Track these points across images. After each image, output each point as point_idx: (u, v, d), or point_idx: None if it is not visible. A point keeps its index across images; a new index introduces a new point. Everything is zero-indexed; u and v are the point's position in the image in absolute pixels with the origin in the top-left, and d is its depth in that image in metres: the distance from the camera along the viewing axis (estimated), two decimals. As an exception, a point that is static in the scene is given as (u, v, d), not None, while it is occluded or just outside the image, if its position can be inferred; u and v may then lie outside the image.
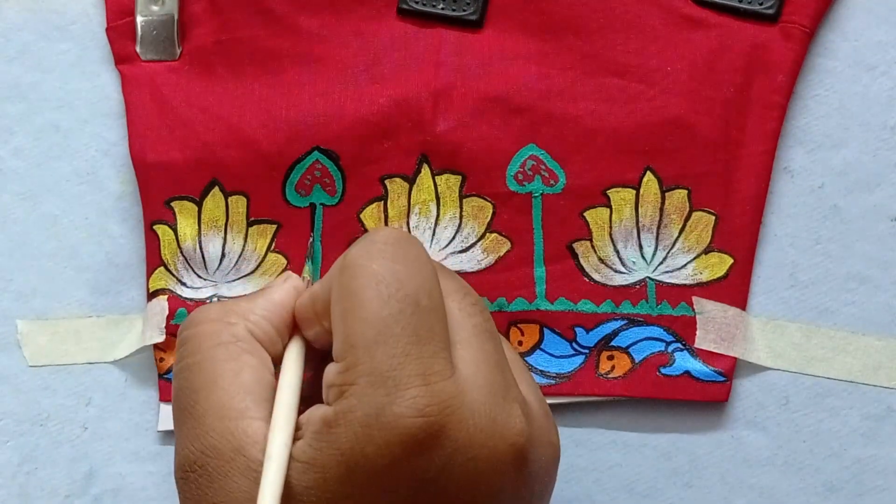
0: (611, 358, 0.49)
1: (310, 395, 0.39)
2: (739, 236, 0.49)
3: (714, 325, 0.49)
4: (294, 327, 0.40)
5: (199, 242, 0.50)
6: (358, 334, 0.35)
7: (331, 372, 0.36)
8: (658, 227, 0.49)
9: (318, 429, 0.35)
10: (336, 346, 0.36)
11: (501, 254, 0.50)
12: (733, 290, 0.49)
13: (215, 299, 0.50)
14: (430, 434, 0.34)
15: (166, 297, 0.49)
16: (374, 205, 0.50)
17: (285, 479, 0.35)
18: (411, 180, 0.50)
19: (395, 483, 0.35)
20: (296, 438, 0.36)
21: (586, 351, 0.49)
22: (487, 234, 0.50)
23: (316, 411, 0.36)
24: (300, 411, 0.37)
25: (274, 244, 0.50)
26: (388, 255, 0.36)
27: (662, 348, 0.49)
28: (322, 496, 0.35)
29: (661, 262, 0.49)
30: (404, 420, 0.34)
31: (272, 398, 0.37)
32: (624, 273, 0.49)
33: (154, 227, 0.50)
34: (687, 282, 0.49)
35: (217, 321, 0.39)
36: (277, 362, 0.39)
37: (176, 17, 0.51)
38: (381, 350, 0.35)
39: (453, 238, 0.50)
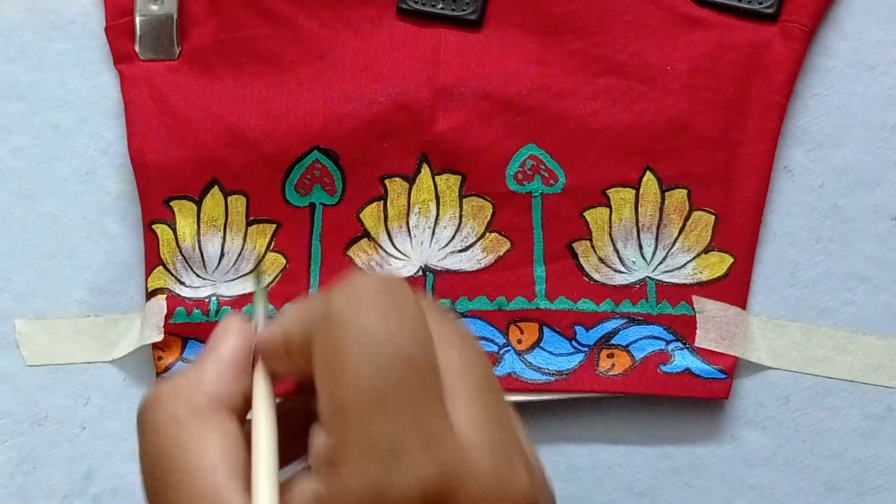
0: (611, 356, 0.49)
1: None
2: (739, 235, 0.49)
3: (714, 324, 0.49)
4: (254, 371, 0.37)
5: (198, 242, 0.50)
6: (349, 401, 0.32)
7: (319, 441, 0.33)
8: (658, 227, 0.49)
9: None
10: (323, 411, 0.33)
11: (501, 253, 0.50)
12: (733, 289, 0.49)
13: (214, 298, 0.49)
14: None
15: (165, 296, 0.49)
16: (373, 204, 0.50)
17: None
18: (411, 180, 0.50)
19: None
20: None
21: (586, 349, 0.49)
22: (487, 234, 0.50)
23: (304, 486, 0.33)
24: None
25: (273, 243, 0.50)
26: (378, 308, 0.33)
27: (662, 347, 0.49)
28: None
29: (661, 262, 0.49)
30: (406, 491, 0.31)
31: (245, 469, 0.34)
32: (624, 273, 0.49)
33: (153, 226, 0.50)
34: (687, 281, 0.49)
35: (170, 398, 0.35)
36: (244, 418, 0.36)
37: (175, 17, 0.51)
38: (376, 418, 0.32)
39: (453, 237, 0.50)
